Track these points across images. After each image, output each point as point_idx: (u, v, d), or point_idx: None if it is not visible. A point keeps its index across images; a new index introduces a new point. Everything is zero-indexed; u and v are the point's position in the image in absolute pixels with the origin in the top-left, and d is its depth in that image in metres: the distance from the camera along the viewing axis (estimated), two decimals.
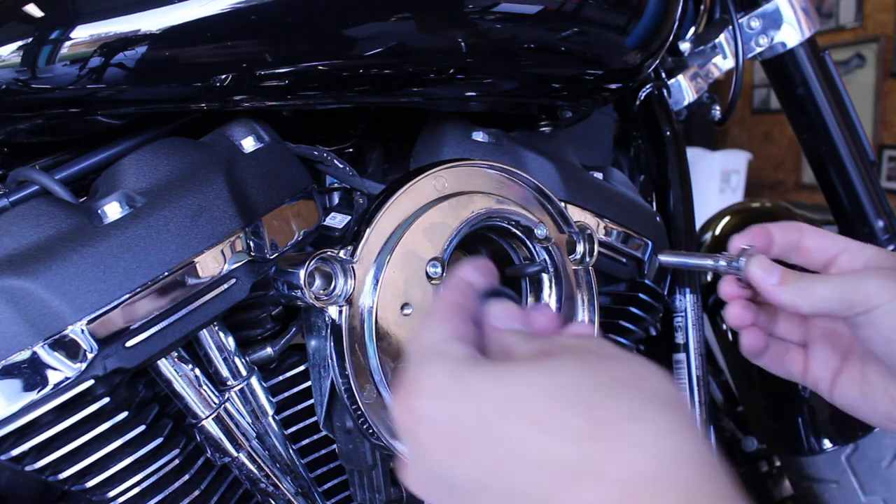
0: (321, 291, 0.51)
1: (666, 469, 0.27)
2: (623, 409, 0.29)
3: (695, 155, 4.40)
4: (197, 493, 0.54)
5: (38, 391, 0.46)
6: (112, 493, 0.50)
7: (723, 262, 0.54)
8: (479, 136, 0.66)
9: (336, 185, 0.65)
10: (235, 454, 0.54)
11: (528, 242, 0.61)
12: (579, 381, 0.31)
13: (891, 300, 0.47)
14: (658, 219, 0.76)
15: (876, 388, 0.52)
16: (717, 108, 0.97)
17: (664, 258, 0.59)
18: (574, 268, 0.62)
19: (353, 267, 0.52)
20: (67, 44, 0.48)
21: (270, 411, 0.56)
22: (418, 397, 0.34)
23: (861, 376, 0.53)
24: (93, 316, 0.47)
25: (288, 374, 0.59)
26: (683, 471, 0.27)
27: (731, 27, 0.85)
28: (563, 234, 0.62)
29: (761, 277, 0.51)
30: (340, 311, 0.51)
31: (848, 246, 0.53)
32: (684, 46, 0.88)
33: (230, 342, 0.55)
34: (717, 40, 0.88)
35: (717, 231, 1.14)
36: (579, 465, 0.28)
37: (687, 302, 0.77)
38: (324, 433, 0.60)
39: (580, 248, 0.62)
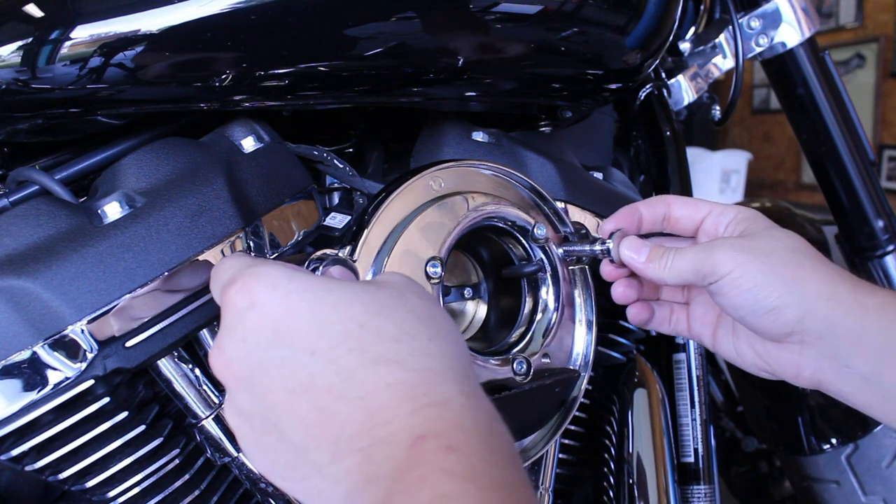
0: None
1: (450, 367, 0.36)
2: (423, 330, 0.37)
3: (695, 155, 4.40)
4: (197, 493, 0.54)
5: (38, 391, 0.46)
6: (112, 493, 0.50)
7: (597, 247, 0.58)
8: (478, 136, 0.66)
9: (336, 185, 0.65)
10: (235, 454, 0.54)
11: (524, 242, 0.61)
12: (394, 303, 0.38)
13: (733, 270, 0.51)
14: None
15: (743, 343, 0.57)
16: (717, 108, 0.97)
17: (558, 249, 0.62)
18: (571, 267, 0.62)
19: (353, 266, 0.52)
20: (67, 44, 0.48)
21: None
22: (258, 283, 0.37)
23: (732, 332, 0.57)
24: (93, 316, 0.47)
25: None
26: (460, 369, 0.37)
27: (731, 27, 0.85)
28: (559, 233, 0.62)
29: (629, 257, 0.56)
30: None
31: (711, 210, 0.57)
32: (684, 46, 0.89)
33: None
34: (717, 40, 0.88)
35: None
36: (387, 355, 0.35)
37: None
38: None
39: None
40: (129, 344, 0.48)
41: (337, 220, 0.61)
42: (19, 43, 0.48)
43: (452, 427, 0.33)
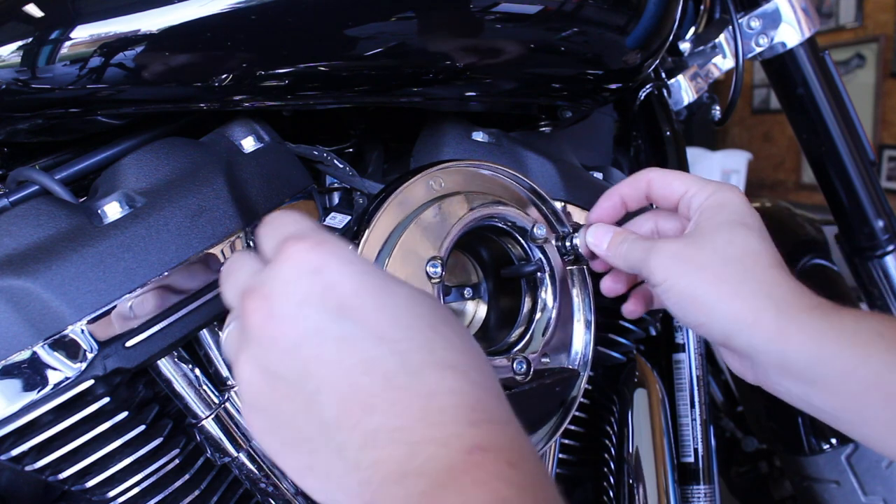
0: None
1: (501, 392, 0.37)
2: (477, 348, 0.38)
3: (695, 155, 4.40)
4: (197, 493, 0.54)
5: (38, 391, 0.46)
6: (112, 493, 0.50)
7: (567, 244, 0.60)
8: (478, 136, 0.66)
9: (336, 185, 0.65)
10: (235, 454, 0.54)
11: (523, 242, 0.61)
12: (452, 318, 0.39)
13: (664, 281, 0.51)
14: None
15: None
16: (717, 108, 0.97)
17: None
18: (570, 267, 0.62)
19: None
20: (67, 44, 0.48)
21: None
22: (332, 253, 0.37)
23: None
24: (93, 316, 0.47)
25: None
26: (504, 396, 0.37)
27: (731, 27, 0.85)
28: (558, 233, 0.62)
29: (593, 246, 0.57)
30: None
31: (686, 189, 0.55)
32: (684, 46, 0.88)
33: None
34: (717, 40, 0.88)
35: None
36: (453, 363, 0.36)
37: None
38: None
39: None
40: (129, 344, 0.48)
41: (337, 221, 0.61)
42: (19, 43, 0.48)
43: (511, 445, 0.33)
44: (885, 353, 0.45)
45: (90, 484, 0.50)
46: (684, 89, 0.88)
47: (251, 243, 0.53)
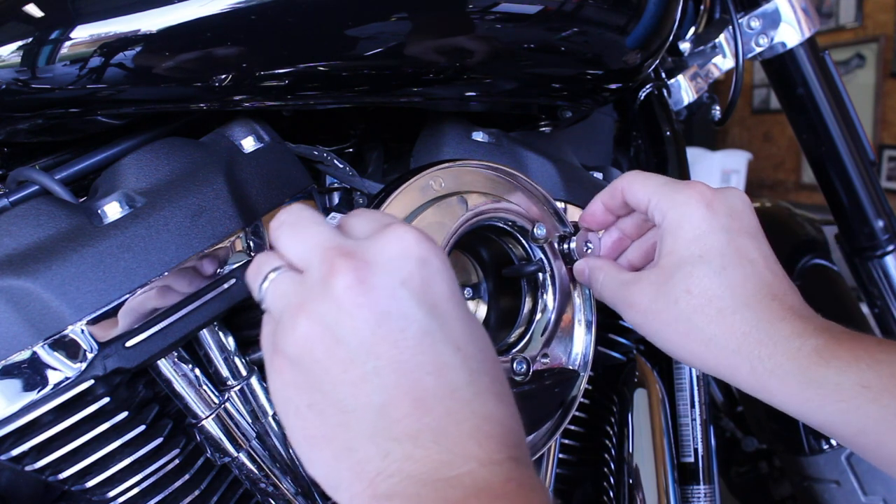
0: None
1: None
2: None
3: (695, 155, 4.40)
4: (197, 493, 0.54)
5: (38, 391, 0.46)
6: (112, 493, 0.50)
7: (557, 243, 0.61)
8: (478, 136, 0.66)
9: (336, 185, 0.65)
10: (235, 454, 0.54)
11: (524, 242, 0.61)
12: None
13: (638, 329, 0.53)
14: None
15: None
16: (717, 108, 0.97)
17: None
18: (570, 267, 0.62)
19: None
20: (67, 44, 0.48)
21: (270, 411, 0.56)
22: (435, 250, 0.37)
23: None
24: (93, 316, 0.47)
25: None
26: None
27: (731, 27, 0.85)
28: (559, 233, 0.62)
29: (577, 273, 0.60)
30: None
31: (650, 199, 0.52)
32: (684, 46, 0.88)
33: (230, 342, 0.55)
34: (717, 40, 0.88)
35: None
36: (505, 398, 0.37)
37: None
38: None
39: None
40: (129, 344, 0.48)
41: (337, 221, 0.60)
42: (19, 43, 0.48)
43: (544, 489, 0.34)
44: (871, 405, 0.43)
45: (90, 484, 0.50)
46: (684, 89, 0.88)
47: (251, 244, 0.53)
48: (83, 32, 0.48)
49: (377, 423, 0.34)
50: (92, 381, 0.47)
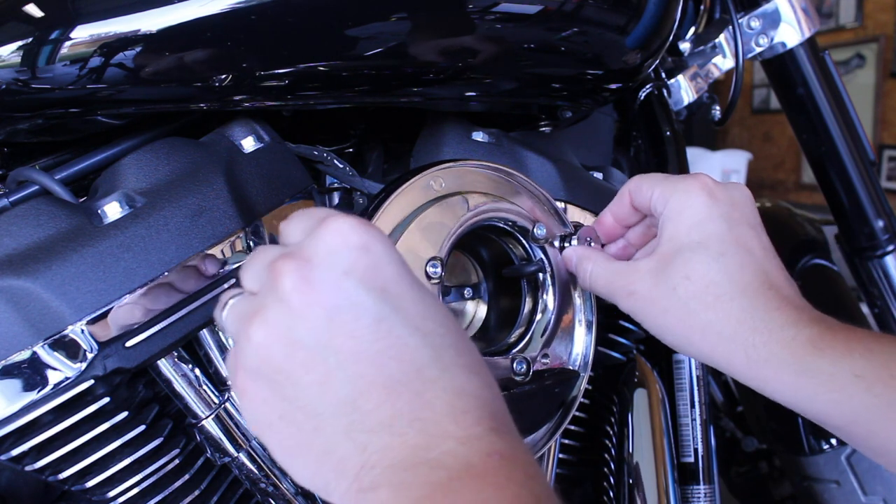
0: None
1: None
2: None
3: (695, 155, 4.40)
4: (197, 493, 0.54)
5: (38, 391, 0.46)
6: (112, 493, 0.50)
7: (558, 243, 0.60)
8: (478, 136, 0.66)
9: (336, 185, 0.65)
10: (235, 454, 0.54)
11: (524, 242, 0.61)
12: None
13: (634, 316, 0.52)
14: None
15: None
16: (717, 108, 0.97)
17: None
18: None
19: None
20: (67, 44, 0.48)
21: None
22: (376, 236, 0.37)
23: None
24: (93, 316, 0.47)
25: None
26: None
27: (731, 27, 0.85)
28: (559, 233, 0.62)
29: (566, 258, 0.59)
30: None
31: (651, 195, 0.53)
32: (684, 46, 0.88)
33: (230, 342, 0.55)
34: (717, 40, 0.88)
35: None
36: (477, 369, 0.37)
37: None
38: None
39: None
40: (129, 344, 0.48)
41: None
42: (19, 43, 0.48)
43: (528, 459, 0.34)
44: (863, 395, 0.43)
45: (90, 484, 0.50)
46: (684, 89, 0.88)
47: (251, 244, 0.53)
48: (83, 32, 0.48)
49: (350, 419, 0.34)
50: (92, 381, 0.47)
